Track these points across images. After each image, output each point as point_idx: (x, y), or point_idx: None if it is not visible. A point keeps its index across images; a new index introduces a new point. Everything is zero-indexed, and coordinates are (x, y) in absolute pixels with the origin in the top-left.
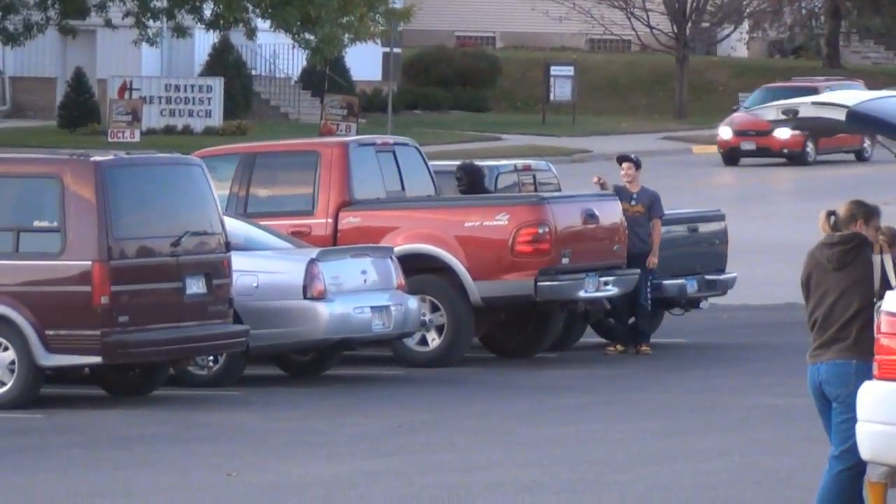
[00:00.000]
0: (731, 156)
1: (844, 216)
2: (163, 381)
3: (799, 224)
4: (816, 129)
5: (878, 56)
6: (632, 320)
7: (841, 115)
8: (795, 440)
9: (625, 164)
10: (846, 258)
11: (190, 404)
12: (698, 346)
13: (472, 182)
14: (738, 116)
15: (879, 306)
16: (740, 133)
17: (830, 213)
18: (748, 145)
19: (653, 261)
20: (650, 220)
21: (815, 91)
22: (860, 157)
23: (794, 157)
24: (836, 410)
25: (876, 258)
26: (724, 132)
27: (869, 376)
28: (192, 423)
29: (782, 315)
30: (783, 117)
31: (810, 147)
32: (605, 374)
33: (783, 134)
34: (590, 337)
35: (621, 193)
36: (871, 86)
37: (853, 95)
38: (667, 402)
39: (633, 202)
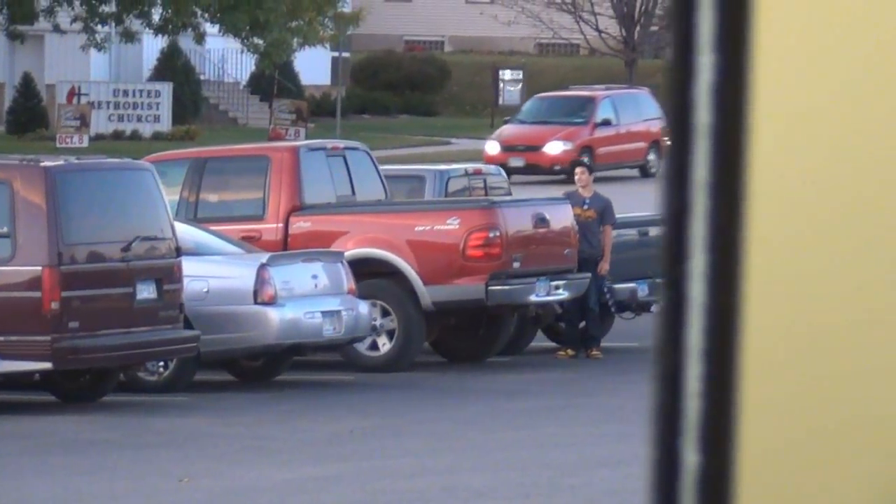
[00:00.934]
0: None
1: None
2: (113, 387)
3: None
4: None
5: None
6: (582, 324)
7: None
8: None
9: (578, 169)
10: None
11: (141, 410)
12: (649, 350)
13: None
14: (508, 129)
15: None
16: (509, 148)
17: None
18: (517, 161)
19: (604, 267)
20: (601, 225)
21: (591, 100)
22: (644, 172)
23: (568, 174)
24: None
25: None
26: (492, 147)
27: None
28: (144, 429)
29: None
30: None
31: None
32: (557, 379)
33: (554, 149)
34: (540, 341)
35: (573, 198)
36: None
37: None
38: (618, 405)
39: (586, 207)
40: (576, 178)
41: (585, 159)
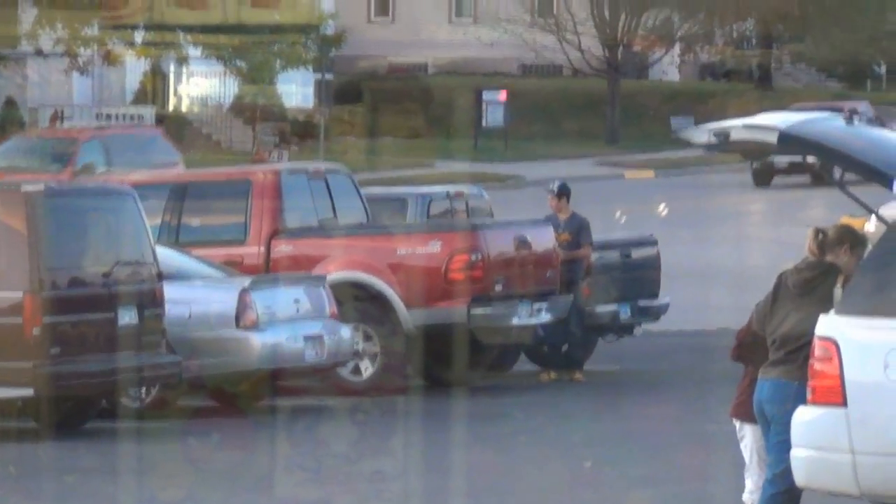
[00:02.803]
0: None
1: (833, 238)
2: (96, 413)
3: (734, 248)
4: (748, 152)
5: (810, 78)
6: (564, 347)
7: (773, 138)
8: (728, 466)
9: (548, 196)
10: (809, 286)
11: (123, 436)
12: (631, 373)
13: None
14: None
15: None
16: None
17: (819, 231)
18: None
19: (584, 285)
20: (580, 247)
21: (73, 142)
22: None
23: None
24: (773, 431)
25: (837, 290)
26: None
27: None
28: (126, 455)
29: (715, 340)
30: (714, 140)
31: None
32: (539, 402)
33: None
34: (523, 364)
35: (552, 222)
36: (803, 109)
37: (785, 117)
38: (600, 429)
39: (560, 230)
40: (549, 203)
41: (554, 185)
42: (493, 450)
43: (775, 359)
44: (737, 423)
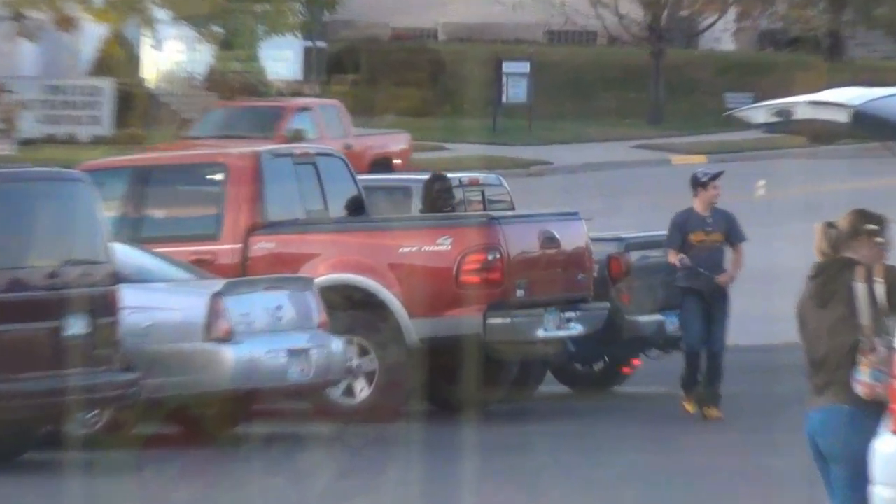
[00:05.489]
0: None
1: (845, 230)
2: (36, 442)
3: (804, 248)
4: (814, 134)
5: (889, 49)
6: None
7: (844, 117)
8: None
9: (715, 183)
10: (826, 292)
11: (70, 469)
12: (679, 397)
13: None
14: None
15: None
16: None
17: (829, 226)
18: None
19: (726, 279)
20: (732, 245)
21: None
22: None
23: None
24: (833, 469)
25: (858, 286)
26: None
27: (864, 426)
28: (72, 493)
29: (779, 357)
30: (775, 120)
31: None
32: (569, 431)
33: None
34: (550, 385)
35: (691, 220)
36: (882, 83)
37: (859, 93)
38: (643, 464)
39: (710, 229)
40: (709, 193)
41: (707, 172)
42: (512, 487)
43: (818, 384)
44: None
